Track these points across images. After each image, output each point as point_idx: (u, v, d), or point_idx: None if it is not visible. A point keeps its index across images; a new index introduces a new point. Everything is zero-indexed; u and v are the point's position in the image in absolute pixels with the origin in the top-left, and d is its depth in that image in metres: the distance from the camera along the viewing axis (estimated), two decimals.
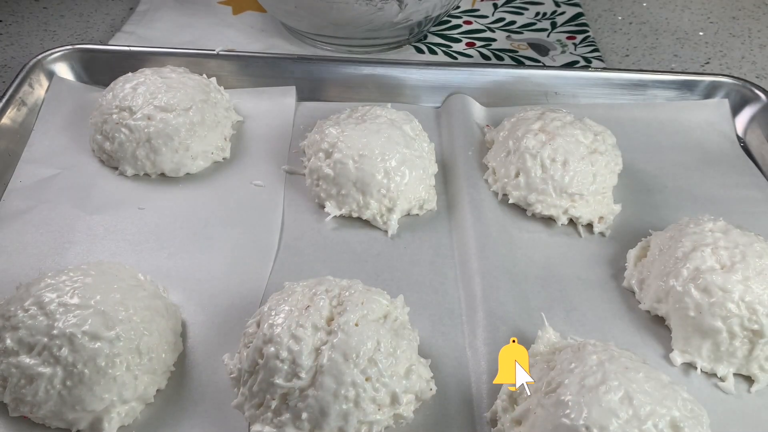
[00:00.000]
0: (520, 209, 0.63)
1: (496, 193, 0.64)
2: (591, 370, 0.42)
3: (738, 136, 0.72)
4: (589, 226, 0.62)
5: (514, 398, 0.46)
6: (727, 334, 0.49)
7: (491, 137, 0.68)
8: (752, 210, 0.64)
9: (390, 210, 0.60)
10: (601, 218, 0.61)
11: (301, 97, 0.74)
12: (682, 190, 0.66)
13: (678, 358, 0.51)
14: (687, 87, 0.75)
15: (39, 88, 0.71)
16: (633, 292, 0.56)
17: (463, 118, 0.71)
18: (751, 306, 0.49)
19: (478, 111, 0.73)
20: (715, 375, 0.50)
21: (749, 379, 0.50)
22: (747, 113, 0.73)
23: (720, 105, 0.74)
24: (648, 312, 0.55)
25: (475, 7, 0.95)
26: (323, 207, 0.62)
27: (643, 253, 0.58)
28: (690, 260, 0.51)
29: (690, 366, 0.51)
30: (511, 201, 0.62)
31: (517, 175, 0.62)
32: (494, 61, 0.85)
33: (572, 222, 0.62)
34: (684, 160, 0.69)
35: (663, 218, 0.62)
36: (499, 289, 0.56)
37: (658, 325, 0.54)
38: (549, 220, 0.62)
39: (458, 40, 0.89)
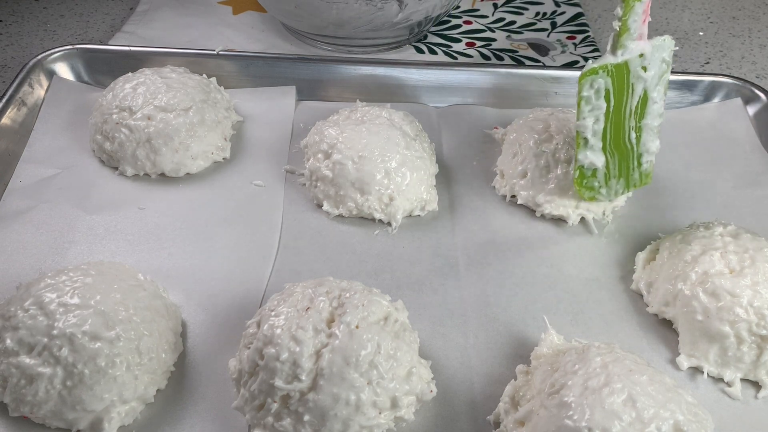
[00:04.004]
0: (529, 210, 0.63)
1: (504, 195, 0.64)
2: (595, 372, 0.42)
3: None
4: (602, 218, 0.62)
5: (516, 400, 0.46)
6: (735, 339, 0.49)
7: (501, 137, 0.68)
8: (766, 211, 0.63)
9: (392, 204, 0.60)
10: (614, 207, 0.62)
11: (301, 97, 0.74)
12: (694, 192, 0.65)
13: (685, 362, 0.51)
14: (687, 87, 0.75)
15: (39, 88, 0.71)
16: (641, 295, 0.56)
17: (467, 126, 0.71)
18: (760, 311, 0.48)
19: (484, 115, 0.73)
20: (722, 380, 0.50)
21: (756, 385, 0.50)
22: (748, 113, 0.73)
23: (734, 105, 0.73)
24: (656, 315, 0.54)
25: (475, 7, 0.95)
26: (321, 207, 0.62)
27: (652, 256, 0.57)
28: (699, 264, 0.51)
29: (697, 370, 0.51)
30: (519, 202, 0.62)
31: (524, 175, 0.62)
32: (494, 61, 0.85)
33: (582, 222, 0.62)
34: (696, 162, 0.69)
35: (673, 220, 0.62)
36: (503, 290, 0.56)
37: (665, 328, 0.54)
38: (558, 221, 0.62)
39: (458, 40, 0.89)
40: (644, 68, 0.55)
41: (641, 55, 0.54)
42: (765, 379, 0.49)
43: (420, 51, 0.87)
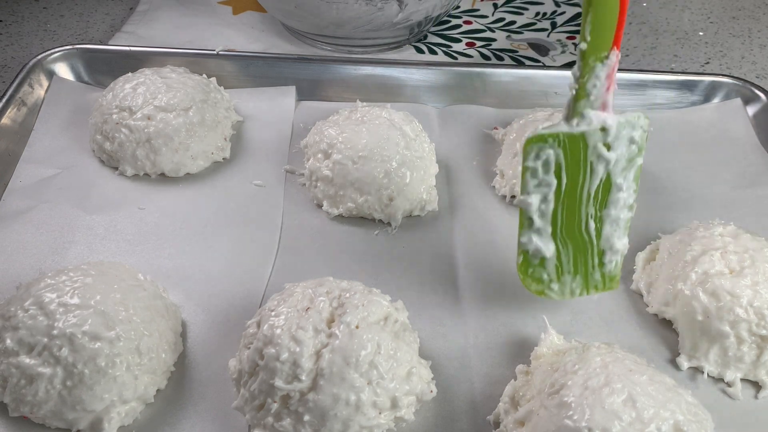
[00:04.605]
0: None
1: (504, 195, 0.64)
2: (594, 371, 0.42)
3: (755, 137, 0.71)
4: None
5: (516, 400, 0.46)
6: (735, 339, 0.49)
7: (501, 138, 0.68)
8: (766, 211, 0.63)
9: (392, 205, 0.60)
10: None
11: (301, 97, 0.74)
12: (694, 192, 0.65)
13: (685, 362, 0.51)
14: (687, 87, 0.75)
15: (39, 88, 0.71)
16: (641, 295, 0.56)
17: (467, 125, 0.71)
18: (760, 311, 0.48)
19: (484, 115, 0.73)
20: (722, 380, 0.50)
21: (756, 385, 0.50)
22: (747, 113, 0.73)
23: (733, 105, 0.73)
24: (655, 315, 0.54)
25: (475, 7, 0.95)
26: (321, 207, 0.62)
27: (652, 256, 0.57)
28: (699, 264, 0.51)
29: (697, 370, 0.51)
30: None
31: None
32: (494, 61, 0.85)
33: None
34: (696, 162, 0.68)
35: (673, 221, 0.62)
36: (503, 290, 0.56)
37: (665, 328, 0.54)
38: None
39: (458, 40, 0.89)
40: (607, 146, 0.46)
41: (603, 129, 0.46)
42: (765, 379, 0.49)
43: (420, 51, 0.87)
